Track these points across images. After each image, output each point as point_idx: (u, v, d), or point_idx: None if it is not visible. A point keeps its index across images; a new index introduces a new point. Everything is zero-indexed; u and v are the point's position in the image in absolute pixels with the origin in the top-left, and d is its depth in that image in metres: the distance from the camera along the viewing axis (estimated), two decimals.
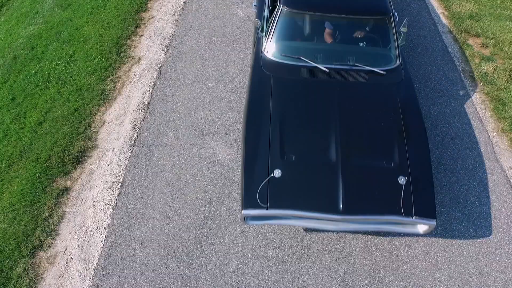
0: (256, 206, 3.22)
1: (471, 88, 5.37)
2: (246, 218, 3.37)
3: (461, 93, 5.27)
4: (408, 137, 3.62)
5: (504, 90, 5.28)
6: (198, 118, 4.84)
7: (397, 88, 3.99)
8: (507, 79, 5.39)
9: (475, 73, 5.55)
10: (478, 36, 6.12)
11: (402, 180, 3.36)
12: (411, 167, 3.44)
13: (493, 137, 4.77)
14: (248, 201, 3.25)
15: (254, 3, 5.23)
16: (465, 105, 5.11)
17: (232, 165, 4.36)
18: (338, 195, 3.26)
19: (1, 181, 4.29)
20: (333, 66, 4.04)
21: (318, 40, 4.31)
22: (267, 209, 3.22)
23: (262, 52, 4.29)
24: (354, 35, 4.26)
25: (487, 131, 4.83)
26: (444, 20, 6.48)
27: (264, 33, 4.43)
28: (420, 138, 3.65)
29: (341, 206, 3.22)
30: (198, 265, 3.62)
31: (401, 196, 3.29)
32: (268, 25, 4.46)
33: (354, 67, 4.05)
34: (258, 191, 3.27)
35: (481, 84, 5.41)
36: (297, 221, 3.42)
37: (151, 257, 3.67)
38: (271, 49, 4.23)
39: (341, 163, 3.39)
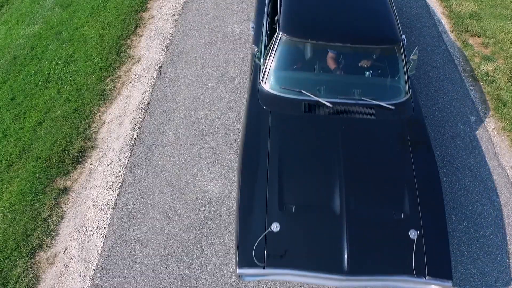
0: (252, 264, 2.93)
1: (471, 87, 5.36)
2: (241, 276, 3.07)
3: (461, 92, 5.26)
4: (419, 184, 3.27)
5: (505, 89, 5.27)
6: (198, 118, 4.83)
7: (407, 124, 3.64)
8: (507, 79, 5.37)
9: (475, 72, 5.54)
10: (479, 36, 6.11)
11: (413, 234, 3.02)
12: (423, 219, 3.11)
13: (494, 136, 4.76)
14: (244, 259, 2.95)
15: (252, 25, 4.85)
16: (465, 105, 5.10)
17: (232, 165, 4.35)
18: (343, 252, 2.95)
19: (1, 181, 4.28)
20: (337, 100, 3.68)
21: (320, 70, 3.96)
22: (264, 268, 2.93)
23: (259, 83, 3.91)
24: (360, 64, 3.92)
25: (487, 130, 4.81)
26: (444, 20, 6.47)
27: (261, 61, 4.06)
28: (433, 185, 3.30)
29: (346, 265, 2.92)
30: (198, 265, 3.61)
31: (413, 253, 2.97)
32: (266, 52, 4.07)
33: (360, 102, 3.69)
34: (254, 248, 2.95)
35: (482, 83, 5.40)
36: (297, 277, 3.10)
37: (151, 257, 3.66)
38: (269, 80, 3.86)
39: (345, 216, 3.07)
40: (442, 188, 3.37)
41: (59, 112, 4.92)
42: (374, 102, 3.69)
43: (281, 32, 3.87)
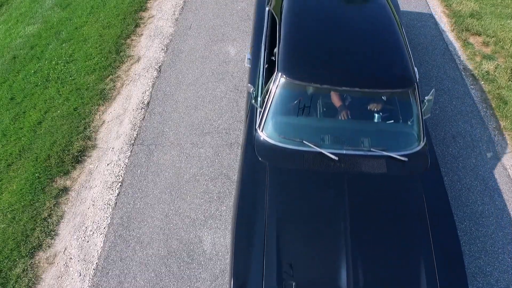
0: None
1: (472, 86, 5.34)
2: None
3: (462, 91, 5.25)
4: (438, 257, 2.85)
5: (506, 88, 5.25)
6: (198, 117, 4.81)
7: (422, 181, 3.18)
8: (508, 78, 5.36)
9: (476, 71, 5.52)
10: (479, 35, 6.10)
11: None
12: None
13: (495, 135, 4.75)
14: None
15: (248, 56, 4.33)
16: (466, 104, 5.09)
17: (232, 164, 4.34)
18: None
19: (0, 181, 4.26)
20: (344, 152, 3.24)
21: (325, 117, 3.53)
22: None
23: (256, 130, 3.46)
24: (368, 108, 3.51)
25: (488, 129, 4.80)
26: (445, 19, 6.46)
27: (258, 104, 3.62)
28: (454, 260, 2.86)
29: None
30: (199, 264, 3.60)
31: None
32: (263, 93, 3.62)
33: (369, 153, 3.25)
34: None
35: (482, 82, 5.39)
36: None
37: (151, 257, 3.64)
38: (266, 127, 3.39)
39: None
40: (464, 263, 2.92)
41: (58, 111, 4.91)
42: (385, 153, 3.24)
43: (280, 74, 3.41)
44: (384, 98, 3.53)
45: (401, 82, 3.39)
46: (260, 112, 3.54)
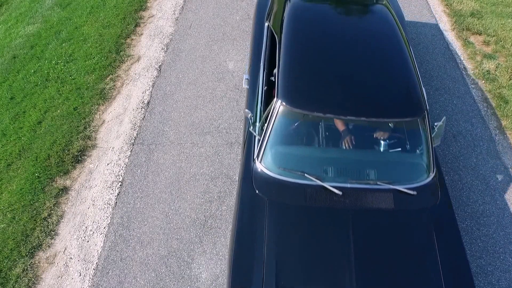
0: None
1: (473, 86, 5.33)
2: None
3: (463, 91, 5.24)
4: None
5: (507, 87, 5.24)
6: (198, 116, 4.80)
7: (432, 217, 2.97)
8: (509, 77, 5.35)
9: (477, 70, 5.51)
10: (480, 34, 6.09)
11: None
12: None
13: (496, 135, 4.74)
14: None
15: (245, 76, 4.06)
16: (467, 103, 5.07)
17: (232, 164, 4.33)
18: None
19: (0, 180, 4.25)
20: (348, 186, 3.02)
21: (327, 146, 3.30)
22: None
23: (254, 160, 3.23)
24: (375, 136, 3.28)
25: (489, 129, 4.79)
26: (445, 18, 6.45)
27: (256, 131, 3.36)
28: None
29: None
30: (199, 264, 3.59)
31: None
32: (262, 119, 3.39)
33: (375, 186, 3.04)
34: None
35: (483, 82, 5.38)
36: None
37: (151, 256, 3.63)
38: (265, 158, 3.16)
39: None
40: None
41: (58, 111, 4.90)
42: (392, 187, 3.02)
43: (279, 101, 3.15)
44: (391, 125, 3.31)
45: (410, 111, 3.14)
46: (258, 140, 3.31)
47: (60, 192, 4.14)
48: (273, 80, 3.74)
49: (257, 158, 3.21)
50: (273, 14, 4.29)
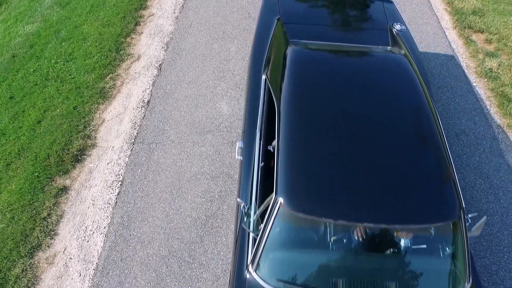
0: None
1: (475, 84, 5.29)
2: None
3: (465, 89, 5.20)
4: None
5: (509, 86, 5.20)
6: (199, 115, 4.77)
7: None
8: (511, 75, 5.32)
9: (479, 69, 5.48)
10: (482, 32, 6.05)
11: None
12: None
13: (499, 133, 4.70)
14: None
15: (239, 143, 3.36)
16: (469, 101, 5.04)
17: (233, 163, 4.29)
18: None
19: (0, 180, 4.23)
20: None
21: (337, 254, 2.60)
22: None
23: (246, 267, 2.68)
24: (395, 236, 2.61)
25: (492, 127, 4.75)
26: (447, 16, 6.41)
27: (251, 227, 2.73)
28: None
29: None
30: (200, 264, 3.55)
31: None
32: (257, 212, 2.78)
33: None
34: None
35: (486, 80, 5.34)
36: None
37: (152, 256, 3.60)
38: (261, 267, 2.59)
39: None
40: None
41: (58, 110, 4.87)
42: None
43: (279, 201, 2.54)
44: (417, 231, 2.68)
45: (442, 213, 2.50)
46: (253, 238, 2.76)
47: (60, 192, 4.11)
48: (271, 150, 3.13)
49: (252, 265, 2.63)
50: (271, 66, 3.68)
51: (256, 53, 4.09)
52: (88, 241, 3.74)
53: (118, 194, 4.04)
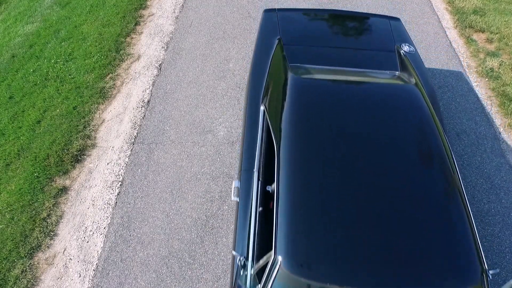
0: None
1: (476, 83, 5.28)
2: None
3: (466, 89, 5.18)
4: None
5: (510, 85, 5.18)
6: (199, 115, 4.75)
7: None
8: None
9: (480, 68, 5.46)
10: (483, 31, 6.03)
11: None
12: None
13: (500, 133, 4.68)
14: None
15: (235, 183, 3.04)
16: (470, 101, 5.02)
17: (234, 163, 4.27)
18: None
19: None
20: None
21: None
22: None
23: None
24: None
25: (493, 127, 4.74)
26: (448, 16, 6.39)
27: (248, 285, 2.53)
28: None
29: None
30: (200, 265, 3.54)
31: None
32: (254, 267, 2.55)
33: None
34: None
35: (487, 79, 5.33)
36: None
37: (152, 257, 3.58)
38: None
39: None
40: None
41: (58, 110, 4.85)
42: None
43: (279, 260, 2.28)
44: None
45: (459, 280, 2.23)
46: None
47: (60, 192, 4.09)
48: (269, 191, 2.87)
49: None
50: (270, 96, 3.38)
51: (254, 80, 3.74)
52: (88, 242, 3.72)
53: (118, 194, 4.03)
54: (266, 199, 2.91)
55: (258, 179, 2.96)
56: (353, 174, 2.54)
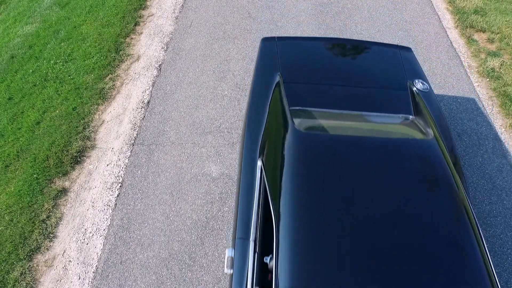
0: None
1: (477, 84, 5.26)
2: None
3: (467, 89, 5.16)
4: None
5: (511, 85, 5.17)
6: (199, 116, 4.73)
7: None
8: None
9: (481, 68, 5.44)
10: (484, 31, 6.01)
11: None
12: None
13: (501, 133, 4.66)
14: None
15: (229, 253, 2.64)
16: (471, 101, 5.00)
17: (234, 164, 4.26)
18: None
19: None
20: None
21: None
22: None
23: None
24: None
25: (494, 127, 4.72)
26: (448, 16, 6.37)
27: None
28: None
29: None
30: (201, 267, 3.52)
31: None
32: None
33: None
34: None
35: (488, 79, 5.30)
36: None
37: (152, 259, 3.56)
38: None
39: None
40: None
41: (57, 111, 4.83)
42: None
43: None
44: None
45: None
46: None
47: (59, 194, 4.07)
48: (268, 265, 2.56)
49: None
50: (267, 149, 2.99)
51: (250, 127, 3.25)
52: (87, 244, 3.70)
53: (117, 196, 4.01)
54: (264, 269, 2.59)
55: (255, 251, 2.58)
56: (367, 252, 2.20)
